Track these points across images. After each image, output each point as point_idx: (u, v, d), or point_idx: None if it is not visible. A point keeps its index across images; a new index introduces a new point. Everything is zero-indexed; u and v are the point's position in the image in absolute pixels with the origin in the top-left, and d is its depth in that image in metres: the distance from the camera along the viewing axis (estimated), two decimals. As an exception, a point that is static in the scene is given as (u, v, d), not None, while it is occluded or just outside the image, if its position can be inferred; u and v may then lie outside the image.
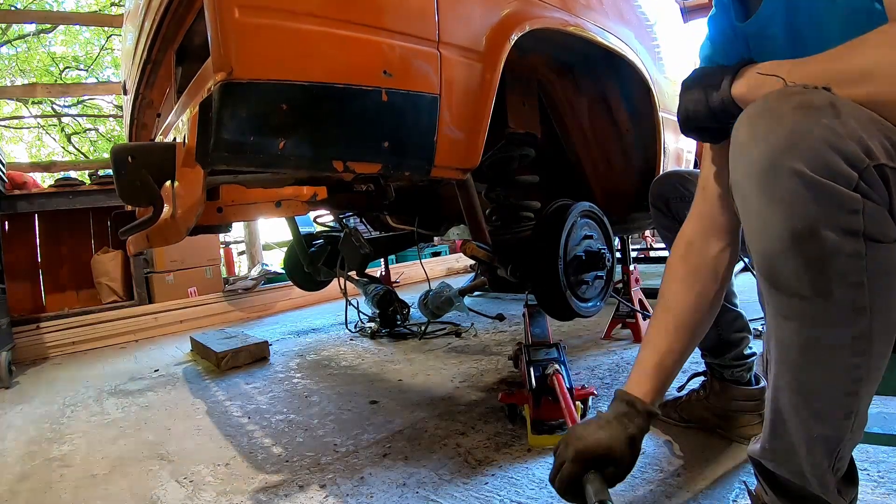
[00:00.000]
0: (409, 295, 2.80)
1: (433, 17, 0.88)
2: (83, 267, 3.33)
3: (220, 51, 0.69)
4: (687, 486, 0.90)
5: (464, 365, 1.80)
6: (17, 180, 3.09)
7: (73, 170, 3.82)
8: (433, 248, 5.08)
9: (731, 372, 1.08)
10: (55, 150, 9.95)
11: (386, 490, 1.00)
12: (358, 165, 0.81)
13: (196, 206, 0.75)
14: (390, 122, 0.84)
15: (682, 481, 0.92)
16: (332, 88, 0.76)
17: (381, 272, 3.16)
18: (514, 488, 0.96)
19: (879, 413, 0.91)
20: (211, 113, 0.69)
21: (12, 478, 1.24)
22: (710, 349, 1.09)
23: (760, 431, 0.93)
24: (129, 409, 1.69)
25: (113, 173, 0.77)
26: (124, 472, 1.21)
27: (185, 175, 0.74)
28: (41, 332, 2.79)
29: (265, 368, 2.03)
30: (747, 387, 1.06)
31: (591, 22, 1.25)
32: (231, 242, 6.10)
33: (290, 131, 0.74)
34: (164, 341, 2.92)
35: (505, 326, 2.34)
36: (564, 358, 1.22)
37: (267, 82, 0.71)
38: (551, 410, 1.12)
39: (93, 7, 8.81)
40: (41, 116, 9.49)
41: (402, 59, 0.83)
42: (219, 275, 3.59)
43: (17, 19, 7.31)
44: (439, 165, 0.92)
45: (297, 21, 0.73)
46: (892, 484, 0.84)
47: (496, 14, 0.99)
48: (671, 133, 1.61)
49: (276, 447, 1.26)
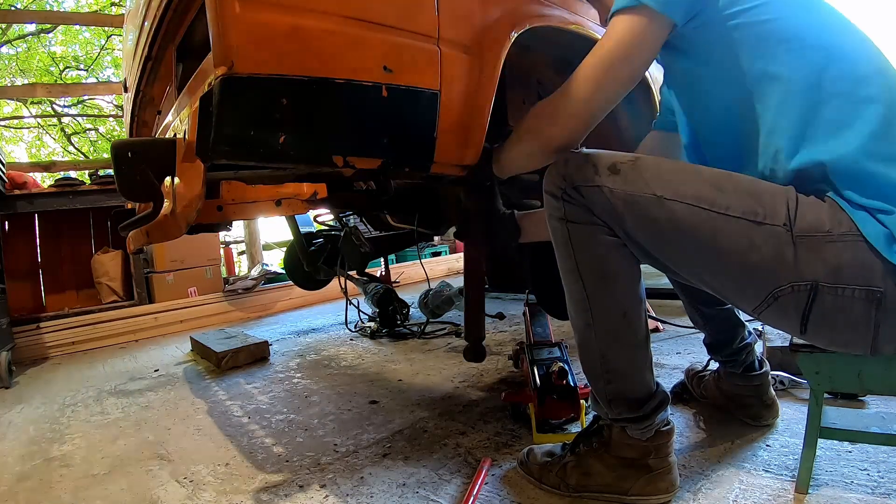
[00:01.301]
0: (409, 295, 2.80)
1: (433, 14, 0.88)
2: (83, 267, 3.33)
3: (220, 45, 0.68)
4: (686, 486, 0.90)
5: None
6: (17, 180, 3.09)
7: (73, 170, 3.82)
8: (433, 247, 5.08)
9: (730, 364, 1.13)
10: (55, 150, 9.95)
11: (386, 490, 1.00)
12: (358, 161, 0.81)
13: (196, 201, 0.74)
14: (390, 118, 0.84)
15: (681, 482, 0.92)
16: (333, 83, 0.76)
17: (381, 272, 3.16)
18: (515, 488, 0.96)
19: (878, 413, 0.91)
20: (211, 107, 0.69)
21: (12, 478, 1.24)
22: (711, 346, 1.16)
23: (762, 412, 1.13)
24: (129, 409, 1.69)
25: (113, 168, 0.76)
26: (124, 471, 1.21)
27: (186, 170, 0.74)
28: (41, 332, 2.79)
29: (265, 368, 2.03)
30: (748, 372, 1.11)
31: (591, 20, 1.24)
32: (231, 242, 6.10)
33: (290, 126, 0.74)
34: (164, 341, 2.92)
35: (505, 326, 2.34)
36: (567, 357, 1.22)
37: (268, 77, 0.71)
38: (556, 409, 1.12)
39: (93, 7, 8.80)
40: (41, 116, 9.49)
41: (402, 54, 0.83)
42: (219, 275, 3.58)
43: (17, 19, 7.31)
44: (439, 161, 0.92)
45: (297, 16, 0.73)
46: (892, 484, 0.84)
47: (496, 11, 0.99)
48: (671, 132, 1.60)
49: (276, 447, 1.26)
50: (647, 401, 0.87)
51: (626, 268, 0.83)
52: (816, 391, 0.83)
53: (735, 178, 0.75)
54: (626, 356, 0.86)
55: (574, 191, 0.80)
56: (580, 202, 0.80)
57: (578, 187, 0.79)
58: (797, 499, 0.83)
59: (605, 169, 0.78)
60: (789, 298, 0.70)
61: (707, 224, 0.72)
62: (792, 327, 0.73)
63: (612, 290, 0.83)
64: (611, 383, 0.86)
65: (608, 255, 0.82)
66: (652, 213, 0.75)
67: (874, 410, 1.12)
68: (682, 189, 0.74)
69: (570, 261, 0.83)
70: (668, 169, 0.77)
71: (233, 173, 1.14)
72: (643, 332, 0.86)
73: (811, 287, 0.68)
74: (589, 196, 0.79)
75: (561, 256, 0.86)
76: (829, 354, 0.80)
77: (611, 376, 0.86)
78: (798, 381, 1.25)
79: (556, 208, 0.83)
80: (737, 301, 0.78)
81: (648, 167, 0.77)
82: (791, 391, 1.26)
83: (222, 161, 0.72)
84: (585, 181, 0.79)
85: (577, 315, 0.87)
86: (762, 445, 1.02)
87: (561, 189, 0.81)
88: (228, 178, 1.17)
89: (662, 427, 0.88)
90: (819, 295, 0.68)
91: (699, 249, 0.74)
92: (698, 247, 0.74)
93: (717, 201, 0.72)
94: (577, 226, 0.81)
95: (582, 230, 0.81)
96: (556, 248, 0.86)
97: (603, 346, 0.85)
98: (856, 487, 0.84)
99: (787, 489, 0.86)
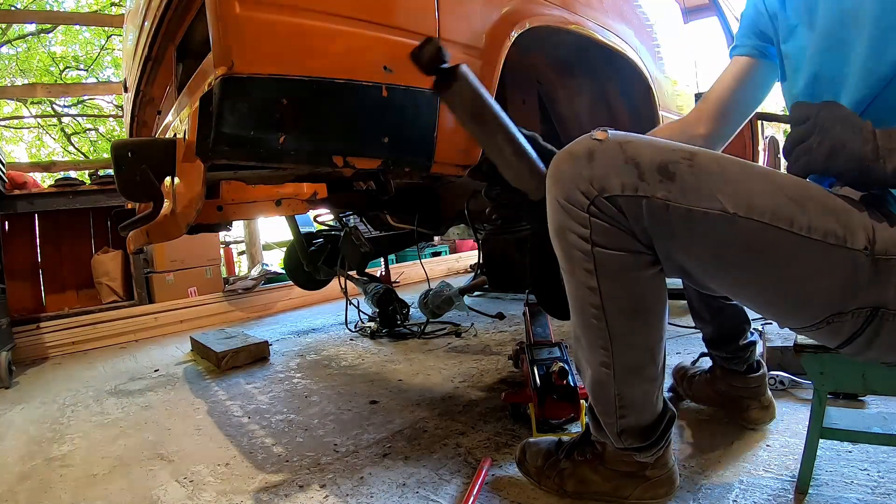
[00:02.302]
0: (409, 295, 2.80)
1: (433, 13, 0.88)
2: (83, 267, 3.33)
3: (220, 45, 0.69)
4: (686, 486, 0.90)
5: (464, 365, 1.80)
6: (17, 180, 3.09)
7: (73, 170, 3.81)
8: (433, 247, 5.08)
9: (732, 361, 1.10)
10: (55, 150, 9.95)
11: (386, 490, 1.00)
12: (358, 161, 0.81)
13: (196, 201, 0.74)
14: (390, 118, 0.84)
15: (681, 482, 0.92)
16: (333, 83, 0.76)
17: (380, 272, 3.16)
18: (515, 488, 0.96)
19: (879, 413, 0.91)
20: (211, 107, 0.69)
21: (12, 478, 1.24)
22: (712, 342, 1.12)
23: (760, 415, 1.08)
24: (129, 409, 1.69)
25: (113, 168, 0.77)
26: (124, 471, 1.21)
27: (185, 170, 0.74)
28: (41, 332, 2.79)
29: (265, 368, 2.03)
30: (747, 374, 1.09)
31: (591, 20, 1.24)
32: (231, 242, 6.09)
33: (290, 126, 0.74)
34: (164, 341, 2.92)
35: (505, 326, 2.34)
36: (567, 357, 1.22)
37: (268, 77, 0.71)
38: (556, 409, 1.12)
39: (93, 7, 8.81)
40: (41, 116, 9.49)
41: (402, 54, 0.83)
42: (219, 275, 3.58)
43: (17, 19, 7.31)
44: (439, 161, 0.92)
45: (297, 16, 0.73)
46: (892, 484, 0.84)
47: (496, 11, 0.99)
48: (671, 132, 1.60)
49: (276, 447, 1.26)
50: (657, 425, 0.80)
51: (661, 297, 0.69)
52: (820, 391, 0.83)
53: (811, 190, 0.62)
54: (644, 389, 0.76)
55: (608, 202, 0.60)
56: (615, 219, 0.61)
57: (614, 198, 0.60)
58: (797, 499, 0.83)
59: (652, 172, 0.60)
60: (846, 322, 0.62)
61: (783, 246, 0.59)
62: (832, 342, 0.67)
63: (643, 328, 0.70)
64: (625, 418, 0.77)
65: (646, 291, 0.67)
66: (718, 234, 0.60)
67: (875, 410, 1.12)
68: (757, 202, 0.59)
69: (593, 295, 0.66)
70: (734, 172, 0.61)
71: (233, 173, 1.14)
72: (664, 359, 0.77)
73: (872, 311, 0.61)
74: (630, 210, 0.60)
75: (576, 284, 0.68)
76: (833, 355, 0.80)
77: (625, 411, 0.77)
78: (798, 381, 1.25)
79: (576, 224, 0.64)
80: (781, 319, 0.69)
81: (710, 168, 0.61)
82: (791, 391, 1.25)
83: (222, 161, 0.72)
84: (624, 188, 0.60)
85: (592, 353, 0.73)
86: (762, 445, 1.02)
87: (586, 198, 0.62)
88: (228, 178, 1.17)
89: None
90: (877, 318, 0.61)
91: (763, 273, 0.62)
92: (763, 270, 0.62)
93: (797, 220, 0.59)
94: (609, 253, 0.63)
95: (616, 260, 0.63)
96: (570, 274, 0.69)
97: (621, 384, 0.74)
98: (856, 487, 0.84)
99: (787, 489, 0.86)
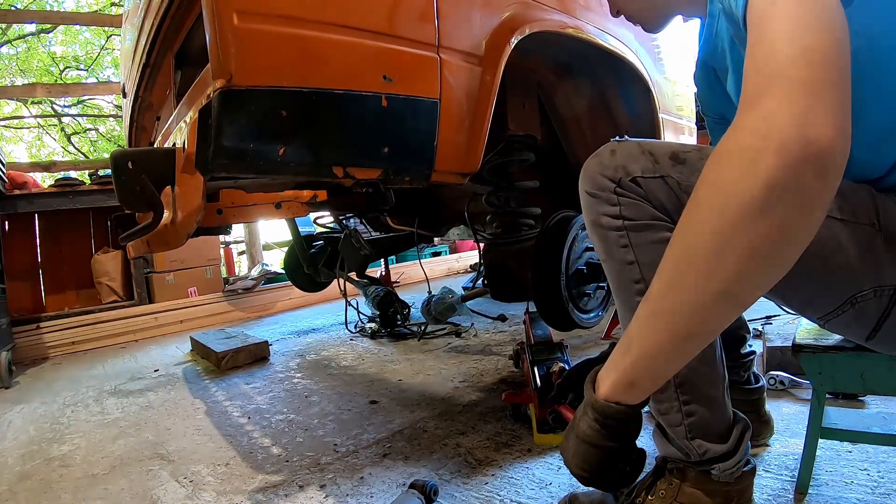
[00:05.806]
0: (409, 295, 2.80)
1: (433, 22, 0.88)
2: (83, 267, 3.33)
3: (218, 57, 0.68)
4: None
5: (464, 365, 1.80)
6: (17, 180, 3.09)
7: (73, 170, 3.81)
8: (433, 248, 5.08)
9: (731, 370, 1.06)
10: (55, 150, 9.95)
11: (386, 490, 1.00)
12: (358, 171, 0.81)
13: (196, 211, 0.74)
14: (390, 128, 0.84)
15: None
16: (332, 94, 0.76)
17: (380, 273, 3.16)
18: (515, 488, 0.96)
19: (879, 413, 0.91)
20: (210, 120, 0.69)
21: (12, 478, 1.24)
22: None
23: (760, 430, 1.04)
24: (129, 408, 1.69)
25: (113, 179, 0.76)
26: (124, 471, 1.21)
27: (185, 181, 0.74)
28: (41, 332, 2.79)
29: (265, 368, 2.03)
30: (745, 385, 1.05)
31: (590, 23, 1.25)
32: (231, 242, 6.09)
33: (290, 137, 0.74)
34: (164, 341, 2.92)
35: (505, 326, 2.34)
36: (567, 357, 1.23)
37: (266, 89, 0.71)
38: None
39: (93, 7, 8.81)
40: (41, 116, 9.49)
41: (401, 64, 0.83)
42: (219, 275, 3.59)
43: (17, 19, 7.31)
44: (439, 170, 0.92)
45: (295, 27, 0.73)
46: (892, 484, 0.84)
47: (496, 18, 0.99)
48: (671, 134, 1.61)
49: (275, 447, 1.26)
50: (731, 430, 0.74)
51: None
52: (819, 391, 0.83)
53: None
54: (708, 375, 0.71)
55: (632, 182, 0.68)
56: (638, 195, 0.68)
57: (636, 178, 0.68)
58: (797, 499, 0.83)
59: (665, 158, 0.67)
60: (869, 303, 0.62)
61: None
62: (859, 334, 0.67)
63: None
64: (691, 415, 0.71)
65: None
66: None
67: (875, 410, 1.12)
68: None
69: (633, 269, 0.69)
70: None
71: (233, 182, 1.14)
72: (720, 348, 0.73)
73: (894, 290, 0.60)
74: (649, 188, 0.67)
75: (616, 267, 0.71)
76: (831, 355, 0.80)
77: (689, 398, 0.71)
78: (798, 381, 1.25)
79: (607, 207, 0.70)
80: (804, 308, 0.69)
81: None
82: (791, 391, 1.26)
83: (222, 174, 0.72)
84: (644, 171, 0.67)
85: None
86: (762, 445, 1.02)
87: (613, 182, 0.69)
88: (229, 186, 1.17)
89: (745, 466, 0.74)
90: None
91: None
92: None
93: None
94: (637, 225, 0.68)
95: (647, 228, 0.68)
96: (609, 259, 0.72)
97: None
98: (856, 487, 0.85)
99: (787, 489, 0.86)
